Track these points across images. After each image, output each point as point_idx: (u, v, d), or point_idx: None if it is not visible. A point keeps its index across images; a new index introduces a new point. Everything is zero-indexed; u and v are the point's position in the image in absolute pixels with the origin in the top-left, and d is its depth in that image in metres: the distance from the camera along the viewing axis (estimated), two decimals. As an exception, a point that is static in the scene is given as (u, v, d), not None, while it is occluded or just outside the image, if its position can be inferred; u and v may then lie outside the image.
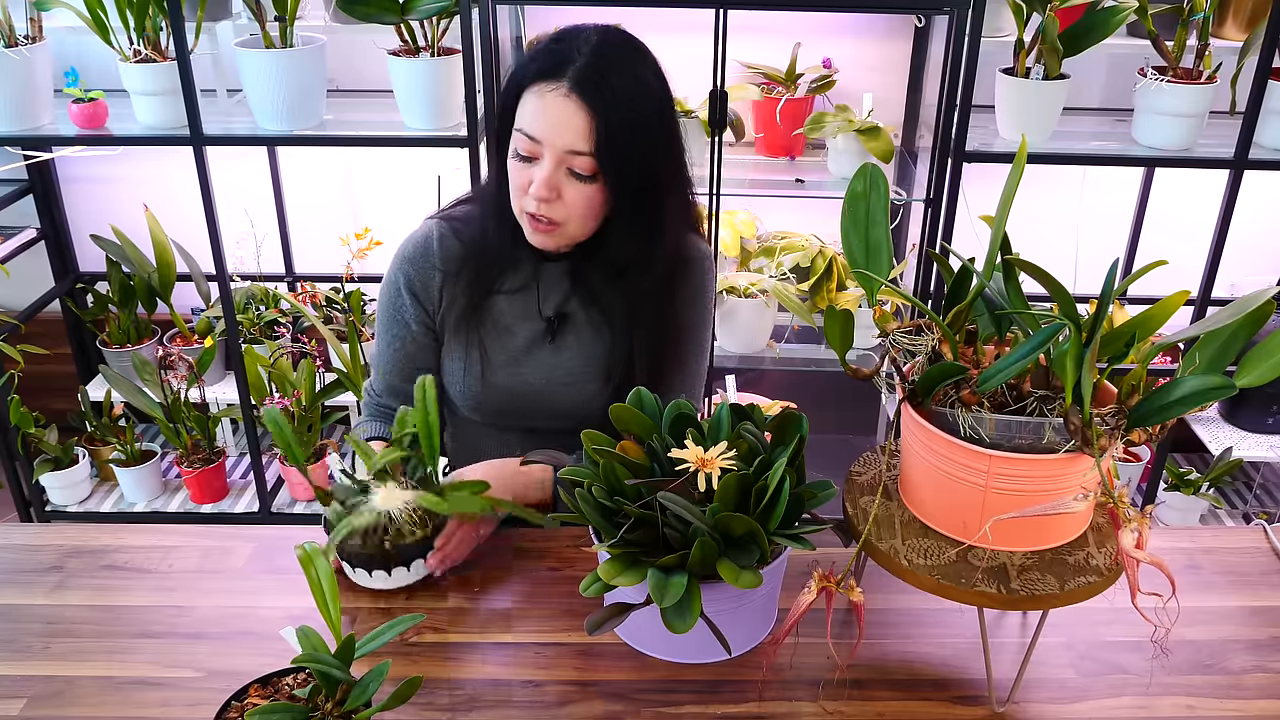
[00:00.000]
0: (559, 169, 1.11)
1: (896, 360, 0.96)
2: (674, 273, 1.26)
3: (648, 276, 1.22)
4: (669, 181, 1.18)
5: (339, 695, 0.86)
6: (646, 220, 1.17)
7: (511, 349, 1.27)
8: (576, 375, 1.28)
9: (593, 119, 1.08)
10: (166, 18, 1.84)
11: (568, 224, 1.15)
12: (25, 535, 1.24)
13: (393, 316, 1.29)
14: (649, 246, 1.20)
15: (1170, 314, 0.90)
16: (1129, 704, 1.00)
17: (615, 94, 1.09)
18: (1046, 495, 0.90)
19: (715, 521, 0.92)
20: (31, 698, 0.99)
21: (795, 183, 2.13)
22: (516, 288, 1.27)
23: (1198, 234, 2.17)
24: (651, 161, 1.14)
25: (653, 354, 1.25)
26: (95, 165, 2.42)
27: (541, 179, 1.11)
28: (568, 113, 1.08)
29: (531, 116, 1.11)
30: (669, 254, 1.23)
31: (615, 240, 1.19)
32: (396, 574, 1.11)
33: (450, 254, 1.27)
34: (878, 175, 0.99)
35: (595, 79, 1.08)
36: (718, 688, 1.01)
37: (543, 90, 1.10)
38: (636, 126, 1.10)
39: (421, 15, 1.83)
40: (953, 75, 1.86)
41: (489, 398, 1.29)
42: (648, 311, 1.24)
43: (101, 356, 2.45)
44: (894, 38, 2.25)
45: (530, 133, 1.11)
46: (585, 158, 1.10)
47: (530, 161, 1.13)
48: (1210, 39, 1.88)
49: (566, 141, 1.09)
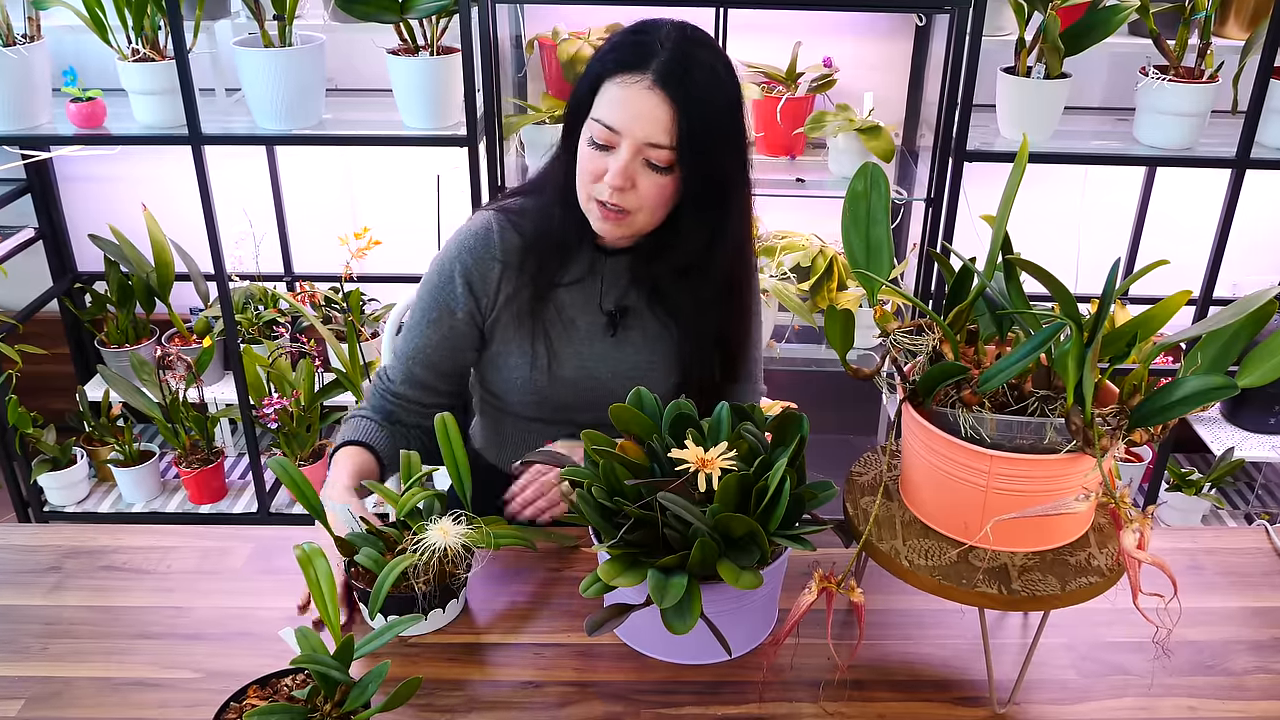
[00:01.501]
0: (635, 159, 1.12)
1: (897, 360, 0.96)
2: (734, 269, 1.26)
3: (710, 276, 1.23)
4: (735, 177, 1.19)
5: (338, 696, 0.86)
6: (713, 215, 1.19)
7: (576, 342, 1.27)
8: (643, 369, 1.28)
9: (674, 112, 1.09)
10: (165, 17, 1.84)
11: (638, 214, 1.16)
12: (23, 536, 1.23)
13: (440, 303, 1.27)
14: (712, 244, 1.21)
15: (1172, 314, 0.89)
16: (1130, 705, 1.00)
17: (698, 88, 1.10)
18: (1048, 496, 0.90)
19: (715, 522, 0.92)
20: (29, 699, 0.98)
21: (796, 182, 2.13)
22: (576, 279, 1.27)
23: (1199, 233, 2.17)
24: (724, 156, 1.16)
25: (724, 348, 1.28)
26: (93, 164, 2.41)
27: (618, 168, 1.12)
28: (650, 105, 1.10)
29: (611, 107, 1.11)
30: (731, 253, 1.24)
31: (680, 236, 1.20)
32: (432, 616, 1.06)
33: (510, 246, 1.25)
34: (878, 174, 0.99)
35: (679, 73, 1.09)
36: (718, 689, 1.01)
37: (625, 82, 1.11)
38: (714, 121, 1.12)
39: (421, 14, 1.82)
40: (954, 74, 1.86)
41: (555, 391, 1.28)
42: (713, 307, 1.25)
43: (100, 356, 2.44)
44: (895, 37, 2.25)
45: (610, 123, 1.11)
46: (664, 151, 1.11)
47: (605, 150, 1.13)
48: (1212, 38, 1.88)
49: (647, 134, 1.10)
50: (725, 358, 1.30)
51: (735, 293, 1.27)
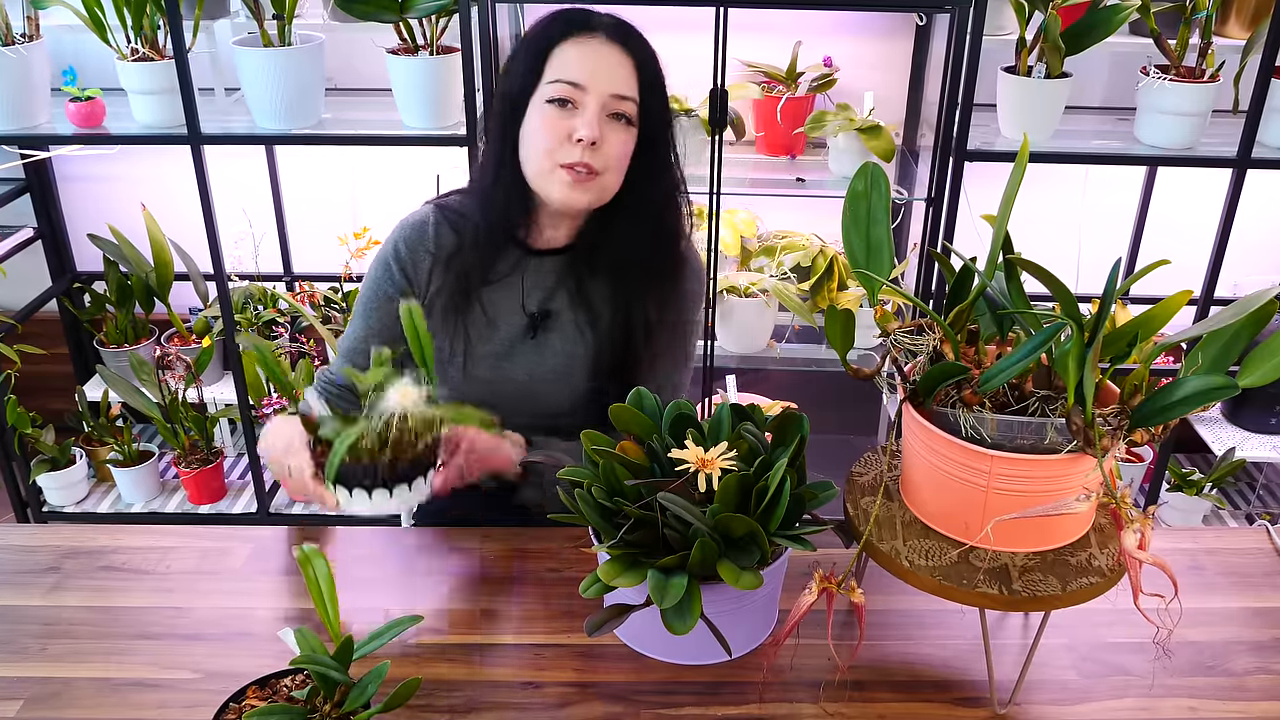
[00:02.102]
0: (602, 112, 1.15)
1: (898, 360, 0.96)
2: (667, 274, 1.27)
3: (645, 271, 1.24)
4: (672, 141, 1.24)
5: (337, 697, 0.86)
6: (662, 178, 1.23)
7: (495, 343, 1.28)
8: (560, 373, 1.28)
9: (633, 64, 1.16)
10: (164, 16, 1.83)
11: (605, 175, 1.17)
12: (22, 536, 1.23)
13: (379, 291, 1.29)
14: (663, 212, 1.24)
15: (1173, 314, 0.89)
16: (1131, 706, 0.99)
17: (644, 45, 1.18)
18: (1048, 496, 0.90)
19: (715, 522, 0.92)
20: (28, 699, 0.98)
21: (796, 182, 2.13)
22: (501, 277, 1.28)
23: (1200, 233, 2.17)
24: (667, 113, 1.22)
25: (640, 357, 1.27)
26: (92, 164, 2.41)
27: (589, 119, 1.14)
28: (611, 57, 1.15)
29: (572, 64, 1.15)
30: (671, 234, 1.26)
31: (635, 199, 1.22)
32: (398, 492, 1.00)
33: (444, 242, 1.27)
34: (879, 174, 0.98)
35: (627, 28, 1.17)
36: (718, 689, 1.00)
37: (579, 41, 1.15)
38: (659, 76, 1.19)
39: (420, 13, 1.82)
40: (954, 74, 1.85)
41: (470, 390, 1.28)
42: (636, 314, 1.25)
43: (99, 356, 2.44)
44: (895, 36, 2.24)
45: (574, 79, 1.14)
46: (628, 102, 1.16)
47: (568, 108, 1.15)
48: (1213, 37, 1.88)
49: (612, 83, 1.15)
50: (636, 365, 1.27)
51: (661, 300, 1.26)
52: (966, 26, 1.81)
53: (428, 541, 1.22)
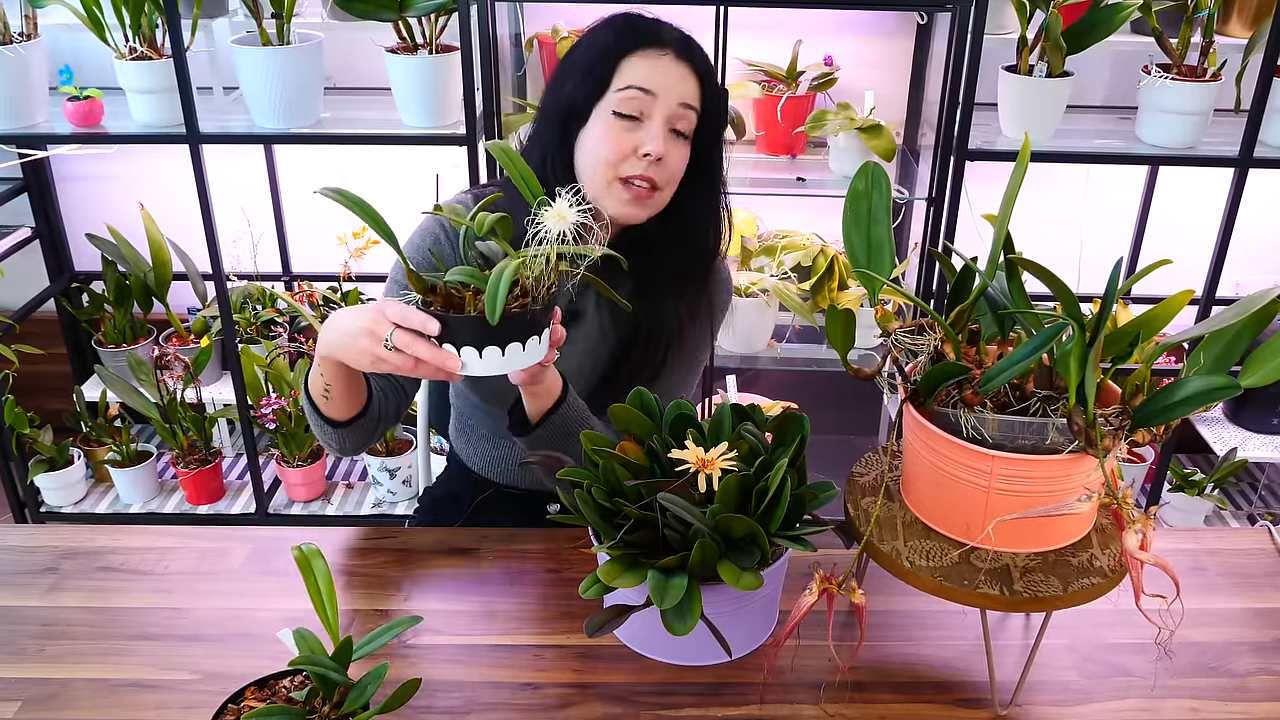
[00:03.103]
0: (666, 126, 1.15)
1: (898, 360, 0.96)
2: (700, 284, 1.27)
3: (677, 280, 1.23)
4: (720, 162, 1.25)
5: (336, 698, 0.86)
6: (713, 193, 1.23)
7: None
8: (573, 373, 1.27)
9: (698, 78, 1.17)
10: (162, 15, 1.83)
11: (663, 190, 1.17)
12: (20, 536, 1.23)
13: (419, 252, 1.24)
14: (712, 228, 1.24)
15: (1174, 313, 0.89)
16: (1133, 707, 0.99)
17: (708, 64, 1.19)
18: (1050, 496, 0.89)
19: (716, 523, 0.92)
20: (26, 700, 0.98)
21: (796, 181, 2.12)
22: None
23: (1202, 233, 2.16)
24: (722, 134, 1.24)
25: (652, 362, 1.25)
26: (90, 163, 2.41)
27: (656, 135, 1.14)
28: (679, 73, 1.16)
29: (644, 74, 1.15)
30: (710, 253, 1.27)
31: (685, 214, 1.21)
32: (511, 352, 0.89)
33: None
34: (879, 173, 0.98)
35: (692, 46, 1.18)
36: (718, 690, 1.00)
37: (651, 54, 1.15)
38: (718, 91, 1.21)
39: (420, 12, 1.82)
40: (955, 73, 1.85)
41: (483, 386, 1.28)
42: (665, 321, 1.24)
43: (97, 356, 2.44)
44: (896, 35, 2.24)
45: (646, 86, 1.14)
46: (693, 114, 1.16)
47: (634, 122, 1.14)
48: (1215, 36, 1.87)
49: (681, 94, 1.15)
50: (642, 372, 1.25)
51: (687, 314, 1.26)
52: (968, 25, 1.80)
53: (427, 542, 1.22)
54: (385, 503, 2.42)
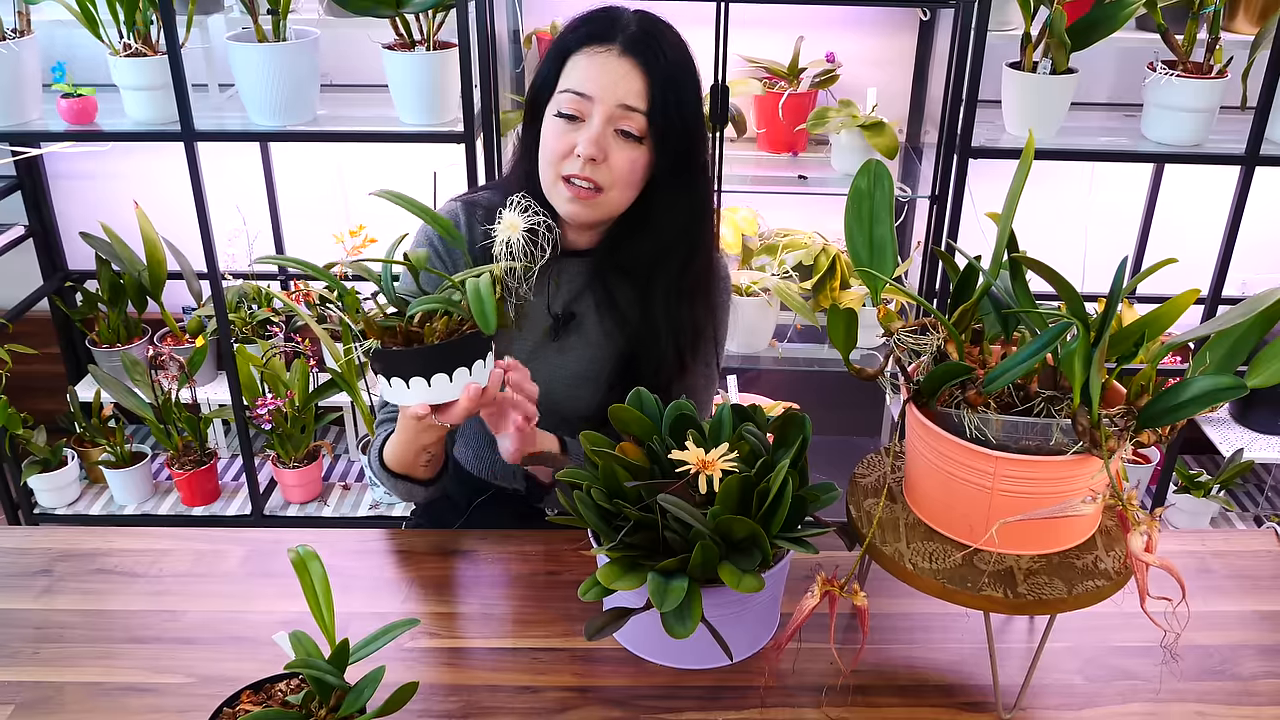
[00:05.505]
0: (607, 128, 1.12)
1: (901, 360, 0.95)
2: (696, 284, 1.24)
3: (668, 279, 1.21)
4: (700, 158, 1.20)
5: (333, 701, 0.85)
6: (683, 200, 1.19)
7: (518, 343, 1.26)
8: (581, 377, 1.26)
9: (646, 78, 1.12)
10: (157, 11, 1.82)
11: (609, 191, 1.15)
12: (13, 538, 1.22)
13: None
14: (685, 232, 1.20)
15: (1180, 313, 0.88)
16: (1138, 710, 0.98)
17: (665, 58, 1.13)
18: (1054, 498, 0.89)
19: (716, 524, 0.91)
20: (20, 704, 0.97)
21: (798, 179, 2.11)
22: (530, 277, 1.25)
23: (1208, 231, 2.16)
24: (692, 130, 1.16)
25: (661, 366, 1.23)
26: (84, 161, 2.40)
27: (590, 136, 1.11)
28: (621, 71, 1.11)
29: (582, 75, 1.12)
30: (700, 250, 1.23)
31: (650, 221, 1.18)
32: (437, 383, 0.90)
33: (476, 236, 1.24)
34: (882, 171, 0.97)
35: (647, 40, 1.12)
36: (719, 694, 0.99)
37: (593, 52, 1.12)
38: (681, 94, 1.14)
39: (417, 8, 1.81)
40: (958, 70, 1.84)
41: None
42: (662, 322, 1.22)
43: (91, 356, 2.43)
44: (898, 31, 2.23)
45: (580, 90, 1.12)
46: (637, 115, 1.12)
47: (575, 122, 1.13)
48: (1221, 32, 1.86)
49: (619, 96, 1.11)
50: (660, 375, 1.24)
51: (690, 309, 1.24)
52: (971, 22, 1.80)
53: (425, 544, 1.21)
54: (382, 504, 2.41)
